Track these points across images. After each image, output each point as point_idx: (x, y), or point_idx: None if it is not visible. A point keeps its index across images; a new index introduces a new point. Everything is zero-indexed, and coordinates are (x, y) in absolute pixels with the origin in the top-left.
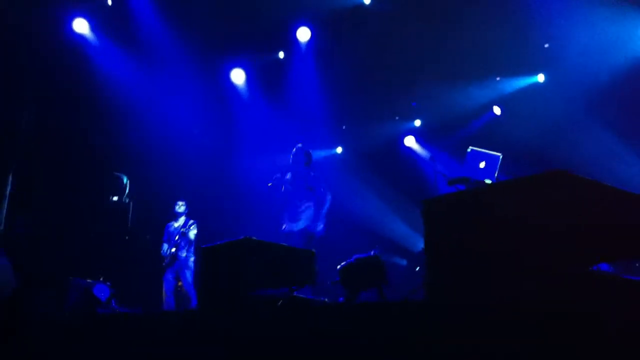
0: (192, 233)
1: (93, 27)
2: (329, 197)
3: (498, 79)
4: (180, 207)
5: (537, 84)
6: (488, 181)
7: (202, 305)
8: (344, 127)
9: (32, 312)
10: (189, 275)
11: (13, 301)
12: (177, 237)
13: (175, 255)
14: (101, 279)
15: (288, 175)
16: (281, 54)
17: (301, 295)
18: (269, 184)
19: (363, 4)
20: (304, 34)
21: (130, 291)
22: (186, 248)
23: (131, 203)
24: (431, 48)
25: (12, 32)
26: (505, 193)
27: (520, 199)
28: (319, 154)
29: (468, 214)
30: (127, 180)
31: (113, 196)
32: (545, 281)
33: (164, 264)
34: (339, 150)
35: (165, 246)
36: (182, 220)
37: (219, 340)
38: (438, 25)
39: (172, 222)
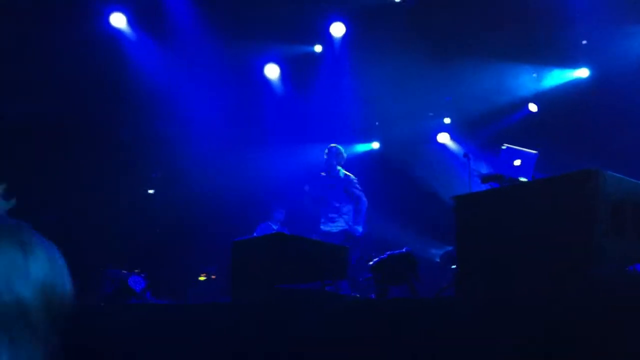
0: None
1: (130, 21)
2: (364, 200)
3: (535, 75)
4: (280, 213)
5: (578, 80)
6: (523, 179)
7: (234, 298)
8: (377, 123)
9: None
10: None
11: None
12: None
13: None
14: (136, 270)
15: (322, 174)
16: (319, 48)
17: (333, 291)
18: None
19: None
20: (338, 29)
21: (164, 283)
22: None
23: (163, 196)
24: (464, 44)
25: (48, 27)
26: (538, 191)
27: (553, 198)
28: (354, 149)
29: (500, 211)
30: (160, 174)
31: (148, 189)
32: (581, 281)
33: None
34: (376, 145)
35: None
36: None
37: (249, 332)
38: (470, 20)
39: (270, 224)
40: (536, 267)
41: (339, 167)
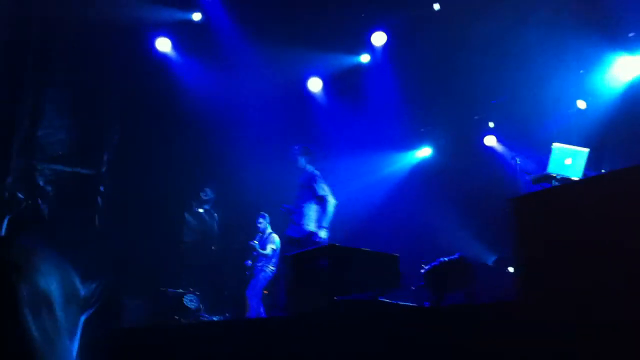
0: (269, 247)
1: (174, 45)
2: (329, 201)
3: (582, 71)
4: (261, 223)
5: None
6: (575, 178)
7: (290, 312)
8: (422, 129)
9: (123, 319)
10: (254, 283)
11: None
12: (254, 252)
13: (252, 267)
14: (191, 289)
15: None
16: (366, 58)
17: (386, 300)
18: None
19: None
20: (379, 38)
21: (218, 300)
22: (264, 261)
23: (216, 214)
24: (506, 46)
25: (99, 53)
26: (597, 189)
27: (612, 194)
28: (404, 157)
29: (559, 211)
30: (213, 192)
31: (199, 208)
32: None
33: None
34: (426, 152)
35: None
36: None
37: (304, 345)
38: (510, 24)
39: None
40: (601, 267)
41: (305, 165)
